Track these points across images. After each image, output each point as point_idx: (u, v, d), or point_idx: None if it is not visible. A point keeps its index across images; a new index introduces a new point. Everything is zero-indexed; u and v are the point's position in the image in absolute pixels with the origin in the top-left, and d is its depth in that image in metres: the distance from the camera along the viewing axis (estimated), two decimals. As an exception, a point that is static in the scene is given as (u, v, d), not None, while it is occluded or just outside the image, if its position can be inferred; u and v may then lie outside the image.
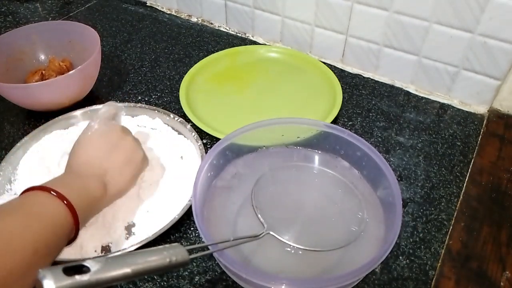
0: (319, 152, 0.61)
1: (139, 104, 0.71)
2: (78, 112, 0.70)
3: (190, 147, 0.65)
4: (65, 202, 0.43)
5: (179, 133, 0.68)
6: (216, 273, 0.52)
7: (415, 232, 0.57)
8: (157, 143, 0.65)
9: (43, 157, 0.64)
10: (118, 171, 0.53)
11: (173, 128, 0.69)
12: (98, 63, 0.73)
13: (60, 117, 0.68)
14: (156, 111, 0.70)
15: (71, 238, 0.46)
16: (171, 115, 0.69)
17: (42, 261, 0.40)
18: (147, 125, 0.69)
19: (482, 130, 0.71)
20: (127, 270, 0.36)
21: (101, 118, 0.55)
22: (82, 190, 0.47)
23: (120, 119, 0.59)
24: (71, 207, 0.43)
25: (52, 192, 0.43)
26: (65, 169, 0.53)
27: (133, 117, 0.70)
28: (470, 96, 0.75)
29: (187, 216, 0.56)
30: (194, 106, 0.73)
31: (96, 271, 0.34)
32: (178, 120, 0.68)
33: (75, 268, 0.34)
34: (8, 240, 0.37)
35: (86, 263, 0.35)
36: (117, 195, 0.53)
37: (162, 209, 0.57)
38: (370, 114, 0.74)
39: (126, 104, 0.71)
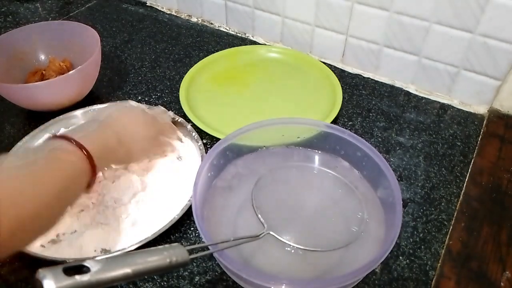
0: (319, 152, 0.61)
1: (139, 104, 0.71)
2: (78, 112, 0.70)
3: (190, 147, 0.65)
4: (83, 151, 0.46)
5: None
6: (216, 273, 0.52)
7: (415, 232, 0.57)
8: (157, 143, 0.65)
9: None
10: (135, 139, 0.56)
11: (173, 128, 0.69)
12: (98, 63, 0.73)
13: (60, 117, 0.68)
14: (156, 111, 0.69)
15: (89, 184, 0.48)
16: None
17: (63, 203, 0.44)
18: (147, 125, 0.69)
19: (482, 130, 0.71)
20: (127, 270, 0.36)
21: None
22: (99, 139, 0.50)
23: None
24: (89, 156, 0.46)
25: (72, 141, 0.46)
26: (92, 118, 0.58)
27: (133, 117, 0.70)
28: (470, 96, 0.75)
29: (187, 216, 0.56)
30: (194, 106, 0.73)
31: (96, 271, 0.34)
32: (179, 120, 0.68)
33: (75, 268, 0.34)
34: (33, 185, 0.41)
35: (86, 263, 0.35)
36: (127, 155, 0.55)
37: (162, 209, 0.57)
38: (370, 114, 0.74)
39: (126, 104, 0.71)
